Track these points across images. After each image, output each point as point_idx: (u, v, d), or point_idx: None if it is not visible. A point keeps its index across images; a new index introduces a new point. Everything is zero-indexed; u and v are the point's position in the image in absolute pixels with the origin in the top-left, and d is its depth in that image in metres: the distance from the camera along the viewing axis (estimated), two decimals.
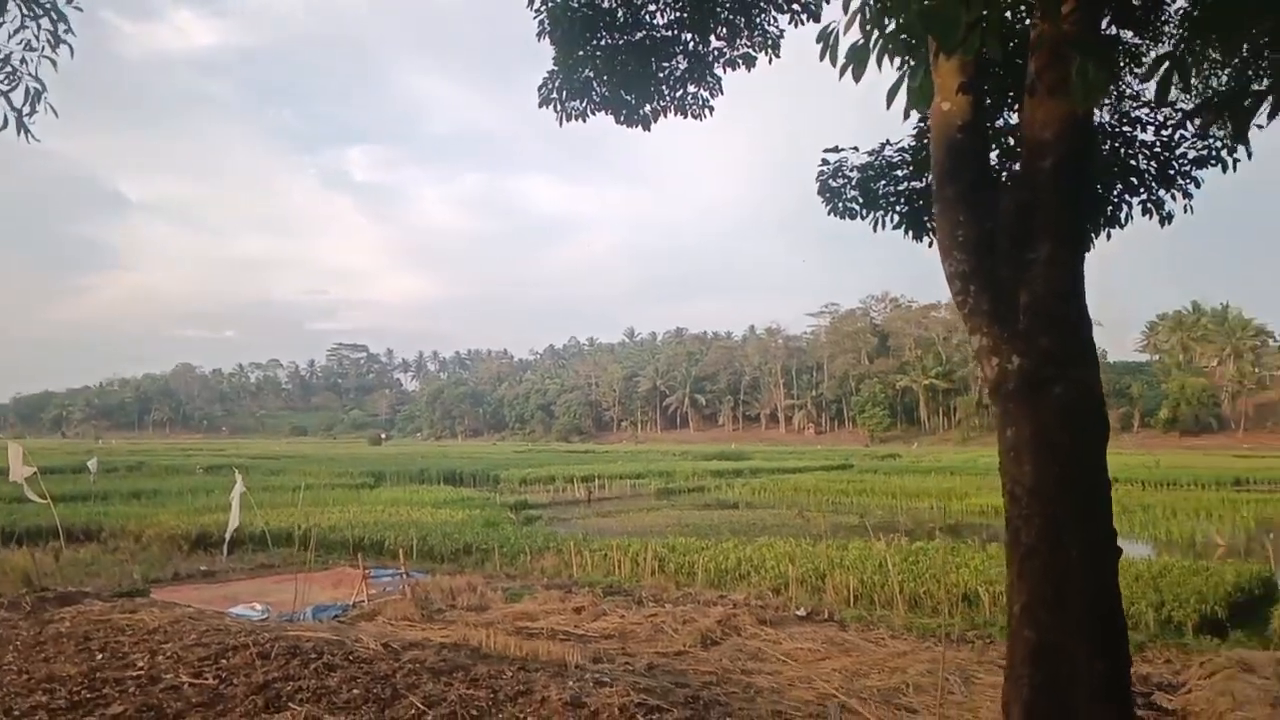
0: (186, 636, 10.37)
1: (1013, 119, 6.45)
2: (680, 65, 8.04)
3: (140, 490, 38.45)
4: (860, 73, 3.21)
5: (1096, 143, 6.14)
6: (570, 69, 7.78)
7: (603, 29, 7.69)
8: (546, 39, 7.76)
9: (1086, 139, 4.33)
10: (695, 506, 38.87)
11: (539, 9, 7.71)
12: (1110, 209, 6.66)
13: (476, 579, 17.05)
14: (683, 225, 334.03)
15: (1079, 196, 4.24)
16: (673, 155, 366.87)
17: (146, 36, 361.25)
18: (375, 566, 18.40)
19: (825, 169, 7.32)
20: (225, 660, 9.26)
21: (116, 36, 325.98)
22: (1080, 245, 4.27)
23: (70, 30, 5.06)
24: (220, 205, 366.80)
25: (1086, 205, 4.31)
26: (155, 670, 8.95)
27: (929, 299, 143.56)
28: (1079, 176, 4.26)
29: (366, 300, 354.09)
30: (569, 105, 7.99)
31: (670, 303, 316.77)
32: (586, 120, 8.15)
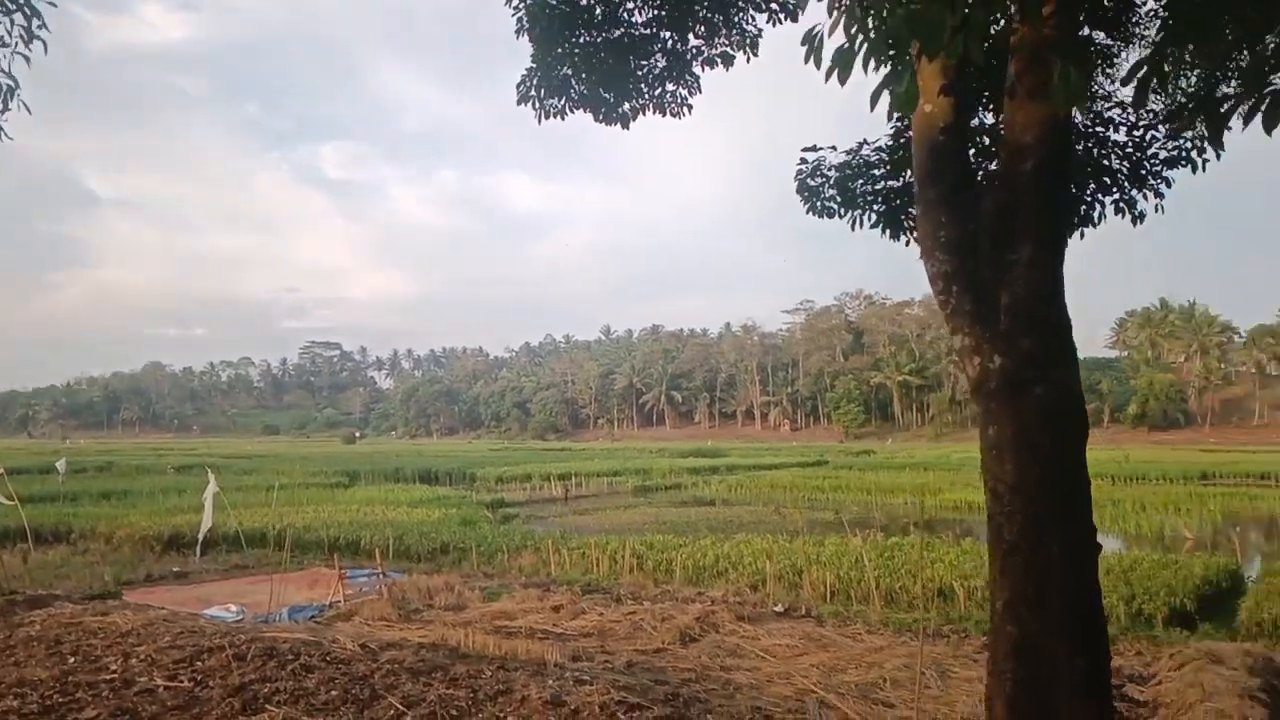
0: (160, 639, 10.23)
1: (988, 120, 6.51)
2: (659, 63, 8.04)
3: (110, 491, 37.89)
4: (846, 76, 3.22)
5: (1073, 144, 6.22)
6: (549, 66, 7.76)
7: (581, 26, 7.67)
8: (525, 36, 7.74)
9: (1066, 142, 4.38)
10: (672, 504, 38.98)
11: (517, 6, 7.68)
12: (1084, 208, 6.76)
13: (454, 578, 17.00)
14: (661, 223, 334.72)
15: (1059, 199, 4.29)
16: (651, 153, 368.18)
17: (114, 30, 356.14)
18: (351, 566, 18.29)
19: (803, 168, 7.35)
20: (200, 662, 9.15)
21: (83, 30, 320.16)
22: (1060, 247, 4.33)
23: (45, 26, 4.94)
24: (191, 202, 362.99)
25: (1063, 206, 4.36)
26: (129, 673, 8.84)
27: (903, 296, 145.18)
28: (1060, 179, 4.30)
29: (340, 298, 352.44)
30: (547, 103, 7.97)
31: (647, 300, 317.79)
32: (565, 118, 8.14)
